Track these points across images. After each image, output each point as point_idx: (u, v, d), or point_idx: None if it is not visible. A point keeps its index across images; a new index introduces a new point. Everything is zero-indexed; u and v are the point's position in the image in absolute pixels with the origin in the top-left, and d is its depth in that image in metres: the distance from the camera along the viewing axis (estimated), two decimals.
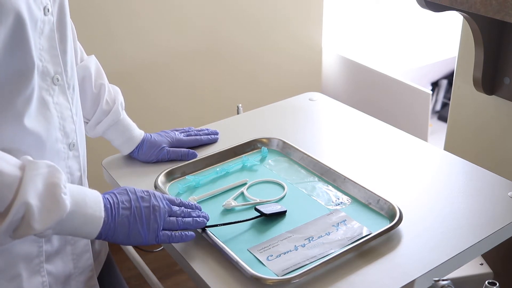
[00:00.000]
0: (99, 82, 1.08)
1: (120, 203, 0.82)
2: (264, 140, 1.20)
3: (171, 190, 1.05)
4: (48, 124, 0.81)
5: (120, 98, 1.12)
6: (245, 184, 1.07)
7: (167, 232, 0.86)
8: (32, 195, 0.70)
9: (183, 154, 1.15)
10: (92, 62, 1.07)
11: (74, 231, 0.78)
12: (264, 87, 2.37)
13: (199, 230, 0.92)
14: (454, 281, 0.82)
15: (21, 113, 0.76)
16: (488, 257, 1.25)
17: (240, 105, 1.40)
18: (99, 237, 0.80)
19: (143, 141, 1.14)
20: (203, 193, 1.03)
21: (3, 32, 0.71)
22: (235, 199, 1.02)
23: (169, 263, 2.08)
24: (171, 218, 0.87)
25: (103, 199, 0.81)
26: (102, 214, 0.79)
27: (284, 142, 1.18)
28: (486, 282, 0.82)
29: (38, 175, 0.72)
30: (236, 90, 2.31)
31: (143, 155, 1.14)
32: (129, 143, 1.14)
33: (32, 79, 0.77)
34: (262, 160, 1.15)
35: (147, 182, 1.07)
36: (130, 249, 0.97)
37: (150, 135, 1.16)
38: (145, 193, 0.86)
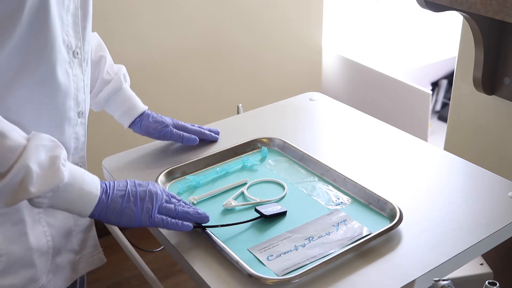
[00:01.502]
0: (99, 53, 1.11)
1: (116, 186, 0.86)
2: (264, 140, 1.20)
3: (171, 190, 1.05)
4: (66, 93, 0.88)
5: (124, 71, 1.13)
6: (245, 184, 1.07)
7: (162, 216, 0.87)
8: (33, 161, 0.74)
9: (185, 137, 1.15)
10: (94, 37, 1.10)
11: (69, 205, 0.81)
12: (264, 87, 2.37)
13: (199, 230, 0.92)
14: (454, 281, 0.82)
15: (44, 82, 0.83)
16: (488, 257, 1.25)
17: (240, 105, 1.40)
18: (92, 215, 0.83)
19: (148, 115, 1.14)
20: (203, 193, 1.03)
21: (29, 7, 0.76)
22: (235, 199, 1.02)
23: (169, 263, 2.09)
24: (169, 204, 0.89)
25: (100, 182, 0.85)
26: (98, 192, 0.83)
27: (284, 142, 1.18)
28: (486, 282, 0.82)
29: (41, 145, 0.77)
30: (236, 90, 2.31)
31: (145, 127, 1.13)
32: (131, 112, 1.13)
33: (53, 52, 0.83)
34: (262, 160, 1.15)
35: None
36: (130, 249, 0.97)
37: (156, 114, 1.17)
38: (144, 182, 0.90)
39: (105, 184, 0.86)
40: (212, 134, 1.22)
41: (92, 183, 0.83)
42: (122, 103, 1.13)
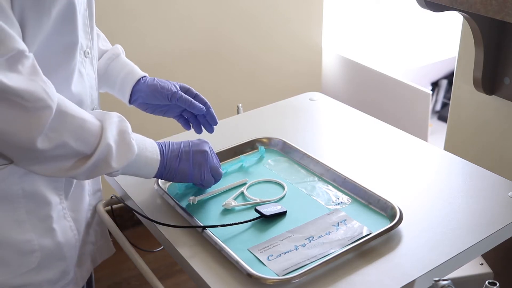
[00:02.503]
0: None
1: (170, 147, 0.96)
2: (264, 140, 1.20)
3: (171, 190, 1.05)
4: (84, 93, 0.93)
5: (119, 46, 1.13)
6: (245, 184, 1.06)
7: (212, 177, 1.00)
8: (111, 139, 0.84)
9: (193, 103, 1.06)
10: None
11: (137, 171, 0.92)
12: (264, 87, 2.37)
13: (199, 230, 0.92)
14: (454, 281, 0.82)
15: (66, 84, 0.87)
16: (488, 257, 1.25)
17: (240, 105, 1.40)
18: (154, 177, 0.95)
19: (152, 78, 1.08)
20: (203, 193, 1.03)
21: (56, 11, 0.80)
22: (235, 199, 1.02)
23: (169, 263, 2.08)
24: (220, 170, 1.01)
25: (158, 145, 0.94)
26: (159, 157, 0.93)
27: (284, 142, 1.18)
28: (487, 282, 0.82)
29: (112, 123, 0.85)
30: (236, 90, 2.31)
31: (152, 86, 1.05)
32: (133, 74, 1.08)
33: (76, 53, 0.87)
34: (260, 159, 1.15)
35: (147, 182, 1.07)
36: (130, 249, 0.97)
37: None
38: (197, 140, 1.00)
39: (161, 145, 0.95)
40: (212, 120, 1.12)
41: (152, 149, 0.93)
42: (122, 67, 1.09)
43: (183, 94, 1.07)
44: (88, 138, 0.82)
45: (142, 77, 1.09)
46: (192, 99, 1.07)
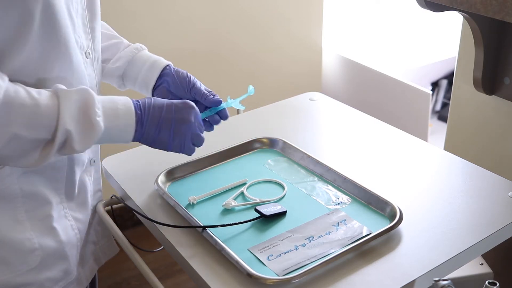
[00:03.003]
0: (110, 31, 1.12)
1: (151, 110, 0.90)
2: (264, 140, 1.20)
3: (171, 190, 1.05)
4: None
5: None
6: (245, 184, 1.07)
7: (193, 146, 0.96)
8: (70, 122, 0.79)
9: (209, 98, 1.09)
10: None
11: (112, 140, 0.88)
12: (264, 87, 2.37)
13: (199, 230, 0.92)
14: (454, 281, 0.82)
15: (66, 84, 0.85)
16: (488, 257, 1.25)
17: None
18: (132, 141, 0.91)
19: (175, 68, 1.07)
20: (203, 193, 1.03)
21: (38, 12, 0.78)
22: (235, 199, 1.02)
23: (169, 263, 2.09)
24: (201, 135, 0.96)
25: (135, 107, 0.88)
26: (134, 124, 0.88)
27: (284, 142, 1.18)
28: (487, 282, 0.82)
29: (71, 102, 0.80)
30: (236, 90, 2.31)
31: (179, 72, 1.06)
32: (160, 61, 1.06)
33: (70, 53, 0.85)
34: (249, 95, 1.15)
35: (147, 182, 1.07)
36: (130, 249, 0.97)
37: None
38: (180, 104, 0.93)
39: (140, 109, 0.89)
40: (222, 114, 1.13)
41: (127, 115, 0.87)
42: (150, 56, 1.08)
43: (203, 90, 1.09)
44: (43, 123, 0.78)
45: (168, 65, 1.08)
46: (209, 94, 1.10)
